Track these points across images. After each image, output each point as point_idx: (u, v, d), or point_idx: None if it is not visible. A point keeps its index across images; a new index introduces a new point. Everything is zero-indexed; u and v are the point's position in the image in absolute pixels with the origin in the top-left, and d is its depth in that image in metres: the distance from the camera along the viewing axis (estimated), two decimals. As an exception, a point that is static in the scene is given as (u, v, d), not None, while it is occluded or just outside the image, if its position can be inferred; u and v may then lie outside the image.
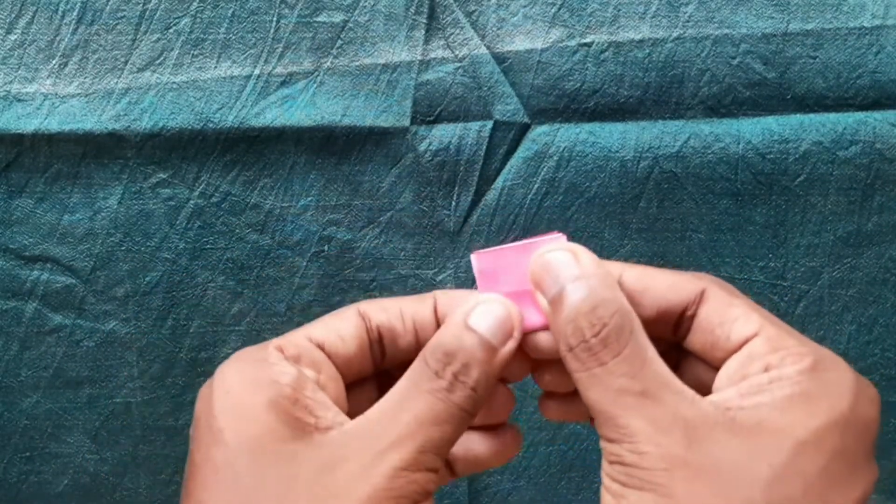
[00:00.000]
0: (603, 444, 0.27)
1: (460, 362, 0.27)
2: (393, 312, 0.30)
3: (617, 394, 0.26)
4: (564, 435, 0.45)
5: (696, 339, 0.29)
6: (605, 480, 0.27)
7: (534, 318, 0.30)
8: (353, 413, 0.28)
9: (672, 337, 0.30)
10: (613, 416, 0.26)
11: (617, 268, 0.30)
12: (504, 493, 0.45)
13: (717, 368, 0.28)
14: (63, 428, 0.45)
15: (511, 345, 0.29)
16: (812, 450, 0.25)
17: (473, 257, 0.31)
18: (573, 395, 0.30)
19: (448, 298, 0.31)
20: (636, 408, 0.26)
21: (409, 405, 0.27)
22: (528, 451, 0.45)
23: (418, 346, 0.30)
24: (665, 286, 0.29)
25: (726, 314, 0.28)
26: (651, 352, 0.27)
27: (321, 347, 0.29)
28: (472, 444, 0.31)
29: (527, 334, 0.30)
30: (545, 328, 0.29)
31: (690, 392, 0.26)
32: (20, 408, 0.45)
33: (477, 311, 0.29)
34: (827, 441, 0.25)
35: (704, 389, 0.28)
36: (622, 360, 0.27)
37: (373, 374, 0.31)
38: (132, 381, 0.45)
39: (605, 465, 0.27)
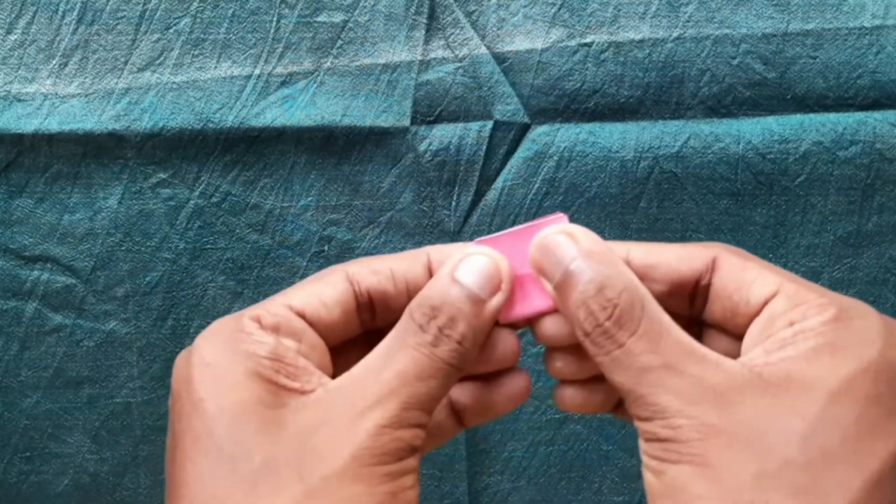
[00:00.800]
0: (637, 422, 0.26)
1: (446, 316, 0.27)
2: (384, 274, 0.29)
3: (641, 372, 0.26)
4: (564, 435, 0.45)
5: (715, 308, 0.28)
6: (644, 458, 0.26)
7: (540, 302, 0.29)
8: (316, 315, 0.28)
9: (689, 310, 0.29)
10: (642, 396, 0.26)
11: (622, 247, 0.29)
12: (504, 493, 0.45)
13: (740, 337, 0.28)
14: (63, 428, 0.45)
15: (499, 297, 0.28)
16: (844, 398, 0.24)
17: (474, 245, 0.30)
18: (589, 382, 0.30)
19: (441, 253, 0.30)
20: (662, 383, 0.26)
21: (392, 361, 0.27)
22: (528, 451, 0.45)
23: None
24: (674, 258, 0.28)
25: (742, 278, 0.28)
26: (667, 322, 0.26)
27: (302, 315, 0.28)
28: (480, 392, 0.30)
29: (534, 319, 0.29)
30: (554, 310, 0.29)
31: (714, 356, 0.26)
32: (20, 408, 0.45)
33: (464, 264, 0.28)
34: (859, 388, 0.24)
35: None
36: (639, 337, 0.26)
37: (363, 334, 0.30)
38: (132, 381, 0.45)
39: (641, 443, 0.26)
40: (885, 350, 0.25)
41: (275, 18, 0.43)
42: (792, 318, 0.26)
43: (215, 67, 0.43)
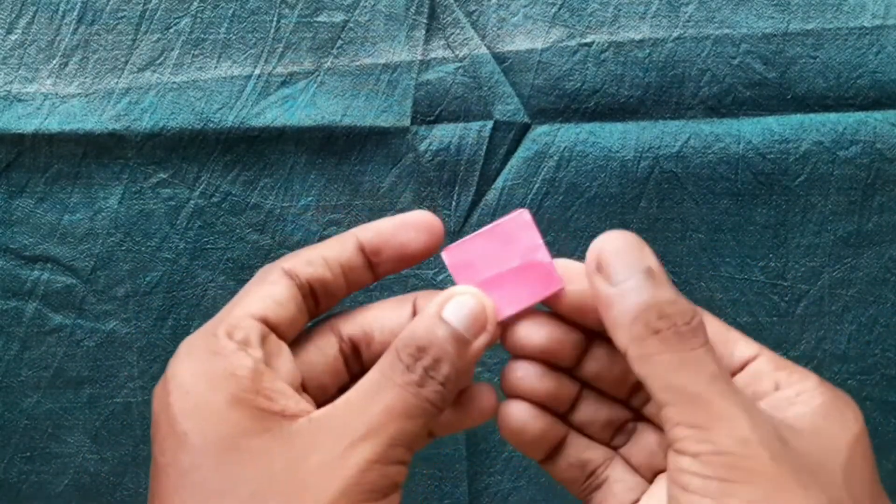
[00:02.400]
0: (679, 434, 0.26)
1: (431, 357, 0.27)
2: (318, 262, 0.30)
3: (711, 378, 0.26)
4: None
5: None
6: (686, 480, 0.25)
7: (513, 303, 0.30)
8: (304, 374, 0.29)
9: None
10: (708, 400, 0.25)
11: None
12: (504, 493, 0.45)
13: None
14: (63, 428, 0.45)
15: (484, 338, 0.29)
16: (860, 450, 0.26)
17: (444, 254, 0.31)
18: (538, 405, 0.30)
19: (369, 232, 0.30)
20: (729, 395, 0.26)
21: (380, 397, 0.27)
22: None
23: (348, 288, 0.31)
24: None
25: (726, 336, 0.29)
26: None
27: (265, 321, 0.29)
28: (449, 409, 0.31)
29: (509, 323, 0.30)
30: (527, 311, 0.30)
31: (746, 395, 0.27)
32: (20, 408, 0.45)
33: (451, 304, 0.28)
34: (865, 445, 0.27)
35: None
36: (709, 350, 0.26)
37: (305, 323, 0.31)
38: (132, 381, 0.45)
39: (682, 463, 0.25)
40: (866, 450, 0.27)
41: (275, 18, 0.43)
42: (777, 379, 0.28)
43: (215, 67, 0.43)
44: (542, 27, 0.43)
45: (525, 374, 0.30)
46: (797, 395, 0.27)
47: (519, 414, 0.30)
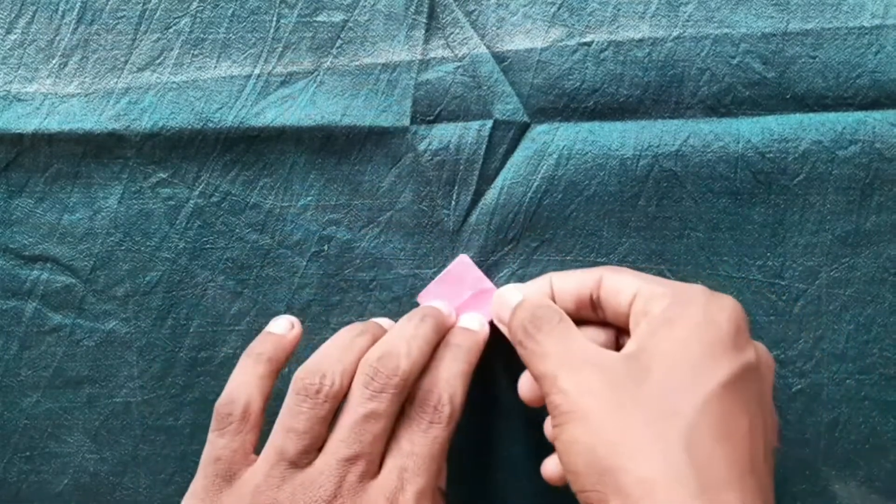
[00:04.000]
0: (546, 402, 0.34)
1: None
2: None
3: (545, 358, 0.35)
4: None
5: (608, 314, 0.37)
6: (547, 428, 0.34)
7: (485, 309, 0.42)
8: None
9: (598, 318, 0.38)
10: (544, 374, 0.34)
11: (546, 278, 0.39)
12: (504, 493, 0.45)
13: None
14: (63, 428, 0.45)
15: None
16: (678, 355, 0.32)
17: (420, 299, 0.43)
18: None
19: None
20: (559, 365, 0.34)
21: None
22: (528, 451, 0.45)
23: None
24: (575, 282, 0.38)
25: (616, 288, 0.36)
26: (575, 331, 0.35)
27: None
28: None
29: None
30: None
31: (600, 348, 0.34)
32: (20, 407, 0.45)
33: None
34: (688, 346, 0.32)
35: None
36: (548, 335, 0.35)
37: None
38: (132, 381, 0.45)
39: (548, 420, 0.34)
40: (707, 314, 0.33)
41: (275, 18, 0.43)
42: (646, 310, 0.34)
43: (215, 67, 0.43)
44: (542, 26, 0.43)
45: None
46: (647, 324, 0.34)
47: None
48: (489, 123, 0.43)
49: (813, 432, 0.44)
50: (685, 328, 0.33)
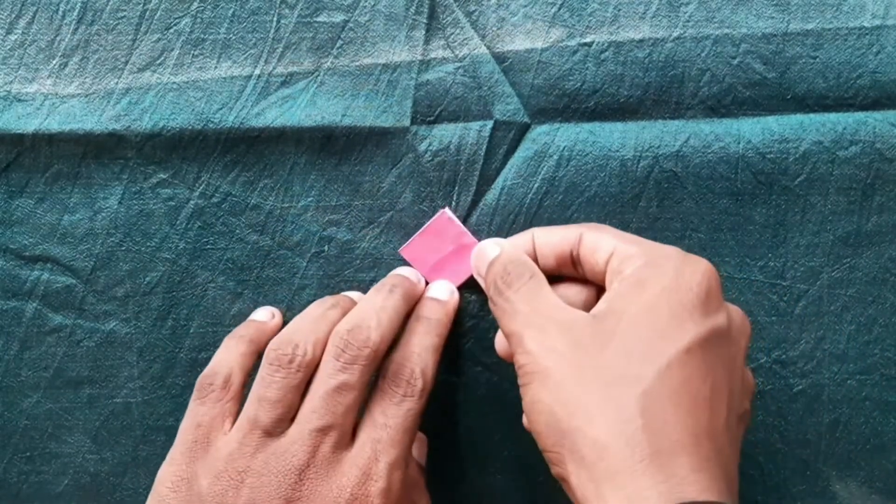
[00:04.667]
0: (514, 360, 0.34)
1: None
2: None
3: (514, 315, 0.35)
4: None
5: (587, 271, 0.37)
6: (520, 388, 0.34)
7: (458, 276, 0.43)
8: None
9: (579, 274, 0.38)
10: (512, 332, 0.35)
11: (529, 233, 0.39)
12: (504, 493, 0.45)
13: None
14: (63, 428, 0.45)
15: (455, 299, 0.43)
16: (643, 316, 0.32)
17: (403, 252, 0.43)
18: None
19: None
20: (528, 322, 0.34)
21: None
22: (528, 450, 0.45)
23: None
24: (557, 238, 0.38)
25: (594, 247, 0.36)
26: (547, 289, 0.36)
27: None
28: None
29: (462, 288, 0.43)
30: (469, 278, 0.42)
31: (569, 307, 0.34)
32: (20, 408, 0.45)
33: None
34: (655, 308, 0.32)
35: None
36: (517, 292, 0.36)
37: None
38: (132, 381, 0.45)
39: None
40: (678, 277, 0.33)
41: (275, 18, 0.43)
42: (619, 269, 0.34)
43: (215, 67, 0.43)
44: (542, 27, 0.43)
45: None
46: (618, 283, 0.34)
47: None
48: (489, 124, 0.43)
49: (814, 432, 0.44)
50: (654, 291, 0.33)
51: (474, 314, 0.44)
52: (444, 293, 0.42)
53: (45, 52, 0.43)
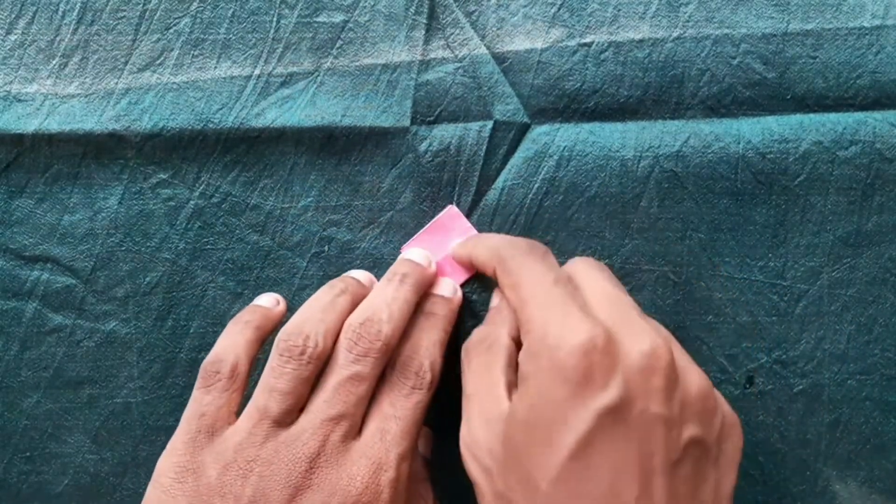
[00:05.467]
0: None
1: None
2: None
3: (465, 385, 0.37)
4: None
5: None
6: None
7: (462, 274, 0.43)
8: None
9: None
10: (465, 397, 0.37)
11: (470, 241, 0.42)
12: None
13: None
14: (63, 428, 0.45)
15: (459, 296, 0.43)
16: (534, 418, 0.32)
17: (403, 250, 0.43)
18: None
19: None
20: (469, 407, 0.36)
21: None
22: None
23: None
24: (484, 258, 0.39)
25: (506, 293, 0.37)
26: (496, 367, 0.36)
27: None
28: None
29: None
30: (472, 276, 0.43)
31: (501, 396, 0.35)
32: (20, 408, 0.45)
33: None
34: (540, 408, 0.31)
35: None
36: (471, 362, 0.37)
37: None
38: (132, 382, 0.45)
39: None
40: (552, 360, 0.31)
41: (275, 18, 0.43)
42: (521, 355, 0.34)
43: (215, 67, 0.43)
44: (542, 27, 0.43)
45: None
46: (520, 362, 0.34)
47: None
48: (489, 124, 0.43)
49: (814, 433, 0.44)
50: (536, 389, 0.32)
51: (475, 314, 0.44)
52: (449, 290, 0.42)
53: (44, 53, 0.43)
